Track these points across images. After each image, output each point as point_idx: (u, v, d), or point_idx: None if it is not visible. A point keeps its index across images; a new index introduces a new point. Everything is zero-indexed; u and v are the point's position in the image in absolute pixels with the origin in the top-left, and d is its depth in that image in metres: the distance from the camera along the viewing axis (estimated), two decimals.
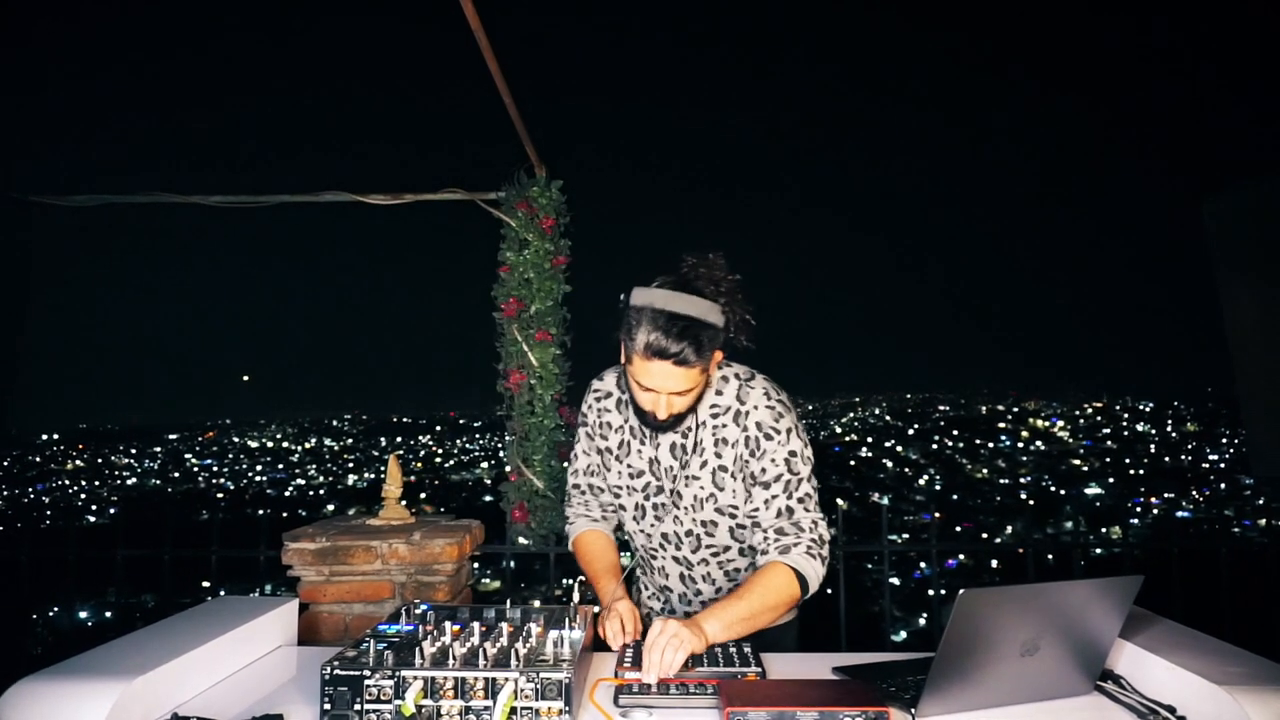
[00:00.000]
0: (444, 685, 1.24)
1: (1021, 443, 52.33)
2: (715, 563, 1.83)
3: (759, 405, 1.72)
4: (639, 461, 1.82)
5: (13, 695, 1.23)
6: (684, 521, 1.79)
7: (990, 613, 1.24)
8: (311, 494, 45.47)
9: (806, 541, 1.68)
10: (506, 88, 2.89)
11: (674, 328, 1.52)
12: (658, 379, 1.58)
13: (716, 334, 1.58)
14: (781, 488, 1.71)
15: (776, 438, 1.71)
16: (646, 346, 1.54)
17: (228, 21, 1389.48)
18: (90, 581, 8.62)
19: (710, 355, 1.59)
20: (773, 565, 1.66)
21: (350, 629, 2.46)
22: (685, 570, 1.86)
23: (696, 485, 1.75)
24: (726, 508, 1.75)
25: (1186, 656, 1.37)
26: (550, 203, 3.45)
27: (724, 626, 1.55)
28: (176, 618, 1.67)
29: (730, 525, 1.78)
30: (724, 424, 1.73)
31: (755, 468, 1.72)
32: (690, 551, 1.82)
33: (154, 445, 57.31)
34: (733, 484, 1.74)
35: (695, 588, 1.87)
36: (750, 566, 1.84)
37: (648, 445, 1.81)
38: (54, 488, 46.41)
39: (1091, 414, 57.90)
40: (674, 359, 1.53)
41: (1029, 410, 60.72)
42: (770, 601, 1.61)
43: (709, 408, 1.75)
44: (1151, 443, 50.86)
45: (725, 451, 1.73)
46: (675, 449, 1.77)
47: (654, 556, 1.90)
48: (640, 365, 1.58)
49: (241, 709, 1.38)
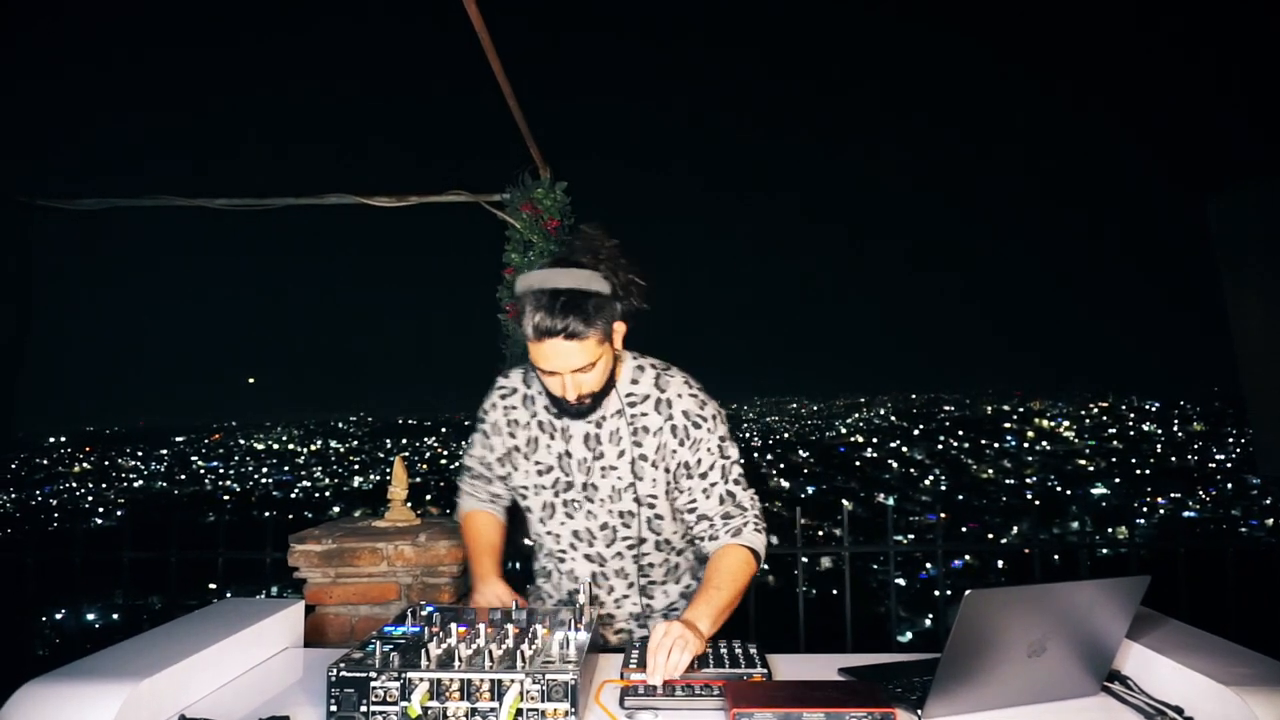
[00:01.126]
0: (450, 687, 1.24)
1: (1027, 443, 52.19)
2: (630, 556, 1.80)
3: (682, 394, 1.74)
4: (548, 457, 1.79)
5: (21, 697, 1.23)
6: (599, 515, 1.77)
7: (997, 613, 1.24)
8: (317, 496, 45.54)
9: (751, 519, 1.73)
10: (510, 89, 2.89)
11: (557, 303, 1.51)
12: (554, 359, 1.56)
13: (603, 301, 1.56)
14: (719, 474, 1.73)
15: (705, 424, 1.73)
16: (535, 328, 1.53)
17: (230, 25, 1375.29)
18: (97, 584, 8.65)
19: (602, 324, 1.56)
20: (731, 549, 1.68)
21: (356, 631, 2.47)
22: (598, 568, 1.82)
23: (614, 475, 1.73)
24: (645, 498, 1.74)
25: (1193, 657, 1.37)
26: (555, 204, 3.45)
27: (713, 621, 1.56)
28: (183, 620, 1.67)
29: (648, 516, 1.76)
30: (644, 412, 1.73)
31: (688, 457, 1.72)
32: (605, 546, 1.79)
33: (160, 447, 57.46)
34: (653, 473, 1.73)
35: (608, 585, 1.83)
36: (664, 561, 1.84)
37: (557, 439, 1.77)
38: (60, 490, 46.55)
39: (1097, 414, 57.72)
40: (564, 333, 1.52)
41: (1034, 410, 60.57)
42: (741, 584, 1.64)
43: (624, 396, 1.74)
44: (1157, 442, 50.67)
45: (646, 440, 1.72)
46: (589, 439, 1.74)
47: (562, 559, 1.85)
48: (536, 349, 1.56)
49: (248, 711, 1.38)
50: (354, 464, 53.70)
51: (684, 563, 1.89)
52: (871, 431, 60.31)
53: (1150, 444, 50.57)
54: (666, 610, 1.89)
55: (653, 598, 1.86)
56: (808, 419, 72.37)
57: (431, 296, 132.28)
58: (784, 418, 73.77)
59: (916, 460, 50.71)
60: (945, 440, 53.76)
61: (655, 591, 1.86)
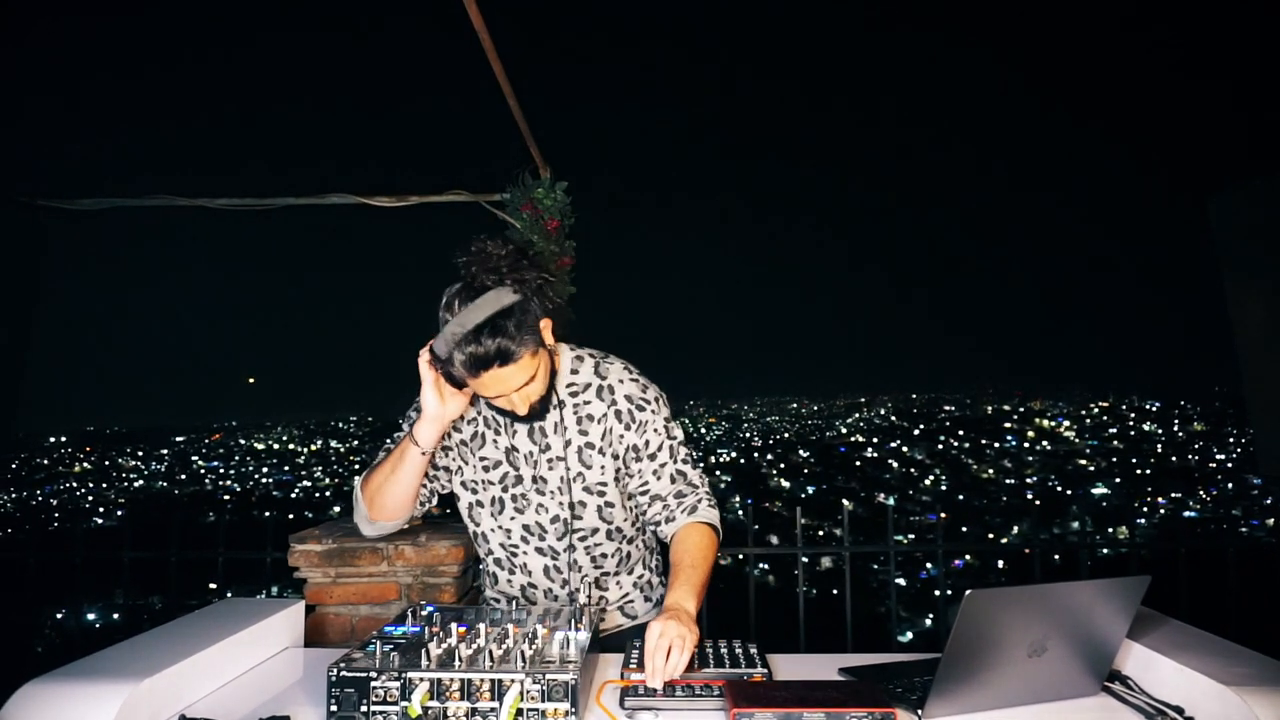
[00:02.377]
0: (450, 687, 1.24)
1: (1027, 443, 52.22)
2: (582, 548, 1.80)
3: (623, 379, 1.74)
4: (494, 452, 1.78)
5: (21, 697, 1.23)
6: (549, 508, 1.76)
7: (997, 613, 1.24)
8: (318, 495, 45.57)
9: (703, 495, 1.75)
10: (511, 89, 2.89)
11: (482, 335, 1.47)
12: (495, 386, 1.53)
13: (522, 312, 1.51)
14: (668, 454, 1.75)
15: (649, 407, 1.74)
16: (467, 366, 1.49)
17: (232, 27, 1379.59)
18: (97, 583, 8.65)
19: (531, 336, 1.53)
20: (693, 527, 1.71)
21: (356, 631, 2.47)
22: (551, 561, 1.81)
23: (562, 466, 1.73)
24: (595, 485, 1.75)
25: (1194, 657, 1.37)
26: (555, 204, 3.45)
27: (697, 599, 1.58)
28: (183, 620, 1.67)
29: (598, 504, 1.76)
30: (587, 400, 1.73)
31: (635, 441, 1.73)
32: (556, 539, 1.78)
33: (161, 447, 57.54)
34: (600, 460, 1.73)
35: (561, 578, 1.82)
36: (617, 550, 1.83)
37: (504, 434, 1.76)
38: (61, 490, 46.60)
39: (1098, 413, 57.75)
40: (497, 362, 1.48)
41: (1035, 410, 60.60)
42: (710, 560, 1.67)
43: (565, 387, 1.74)
44: (1158, 442, 50.70)
45: (591, 428, 1.73)
46: (533, 432, 1.74)
47: (514, 554, 1.83)
48: (476, 384, 1.53)
49: (248, 711, 1.38)
50: (354, 464, 53.73)
51: (635, 552, 1.90)
52: (872, 431, 60.34)
53: (1150, 444, 50.60)
54: (621, 602, 1.89)
55: (606, 589, 1.86)
56: (808, 419, 72.39)
57: (431, 296, 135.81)
58: (784, 418, 73.78)
59: (917, 460, 50.74)
60: (946, 440, 53.79)
61: (609, 583, 1.87)
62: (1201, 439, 49.50)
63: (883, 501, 40.29)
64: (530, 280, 1.55)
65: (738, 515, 13.10)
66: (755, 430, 67.97)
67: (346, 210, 3.67)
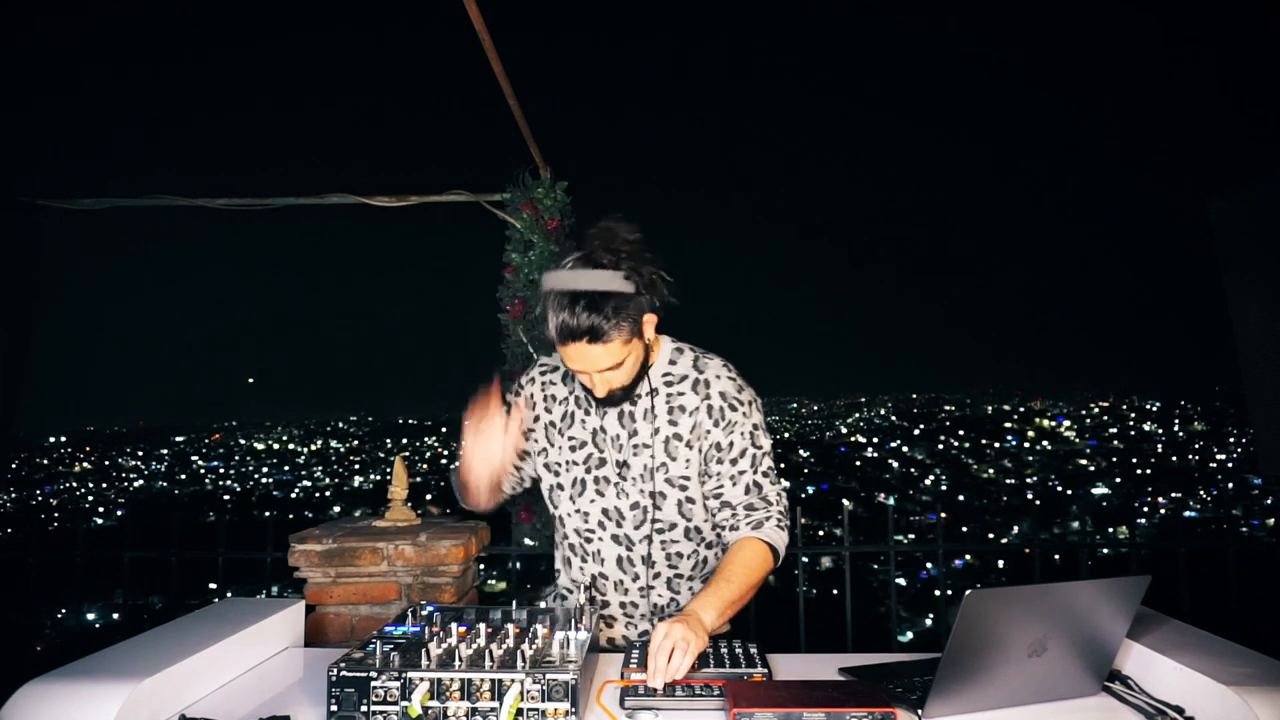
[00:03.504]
0: (450, 687, 1.24)
1: (1028, 442, 52.20)
2: (658, 541, 1.76)
3: (720, 375, 1.72)
4: (582, 432, 1.77)
5: (21, 697, 1.23)
6: (629, 494, 1.74)
7: (997, 613, 1.24)
8: (318, 495, 45.56)
9: (775, 514, 1.70)
10: (511, 90, 2.90)
11: (578, 306, 1.49)
12: (579, 361, 1.55)
13: (626, 300, 1.52)
14: (749, 463, 1.71)
15: (740, 409, 1.71)
16: (558, 331, 1.51)
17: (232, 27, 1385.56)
18: (98, 583, 8.65)
19: (628, 324, 1.54)
20: (748, 541, 1.65)
21: (357, 631, 2.47)
22: (625, 551, 1.77)
23: (646, 454, 1.71)
24: (677, 479, 1.72)
25: (1194, 657, 1.36)
26: (555, 204, 3.45)
27: (719, 614, 1.53)
28: (183, 619, 1.67)
29: (679, 499, 1.73)
30: (681, 391, 1.72)
31: (721, 439, 1.70)
32: (633, 528, 1.75)
33: (161, 447, 57.52)
34: (686, 453, 1.71)
35: (634, 571, 1.77)
36: (694, 553, 1.79)
37: (593, 415, 1.76)
38: (61, 490, 46.59)
39: (1098, 413, 57.73)
40: (587, 337, 1.50)
41: (1035, 410, 60.59)
42: (754, 579, 1.61)
43: (661, 375, 1.73)
44: (1158, 442, 50.68)
45: (681, 420, 1.71)
46: (623, 416, 1.73)
47: (589, 539, 1.80)
48: (561, 351, 1.56)
49: (248, 710, 1.38)
50: (354, 464, 53.74)
51: (712, 558, 1.84)
52: (872, 431, 60.32)
53: (1151, 444, 50.58)
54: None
55: (679, 593, 1.81)
56: (808, 419, 72.38)
57: (432, 296, 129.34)
58: (784, 418, 73.78)
59: (917, 460, 50.72)
60: (946, 440, 53.77)
61: (682, 587, 1.81)
62: (1201, 439, 49.48)
63: (883, 501, 40.28)
64: (645, 274, 1.56)
65: None
66: None
67: (346, 210, 3.67)
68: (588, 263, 1.53)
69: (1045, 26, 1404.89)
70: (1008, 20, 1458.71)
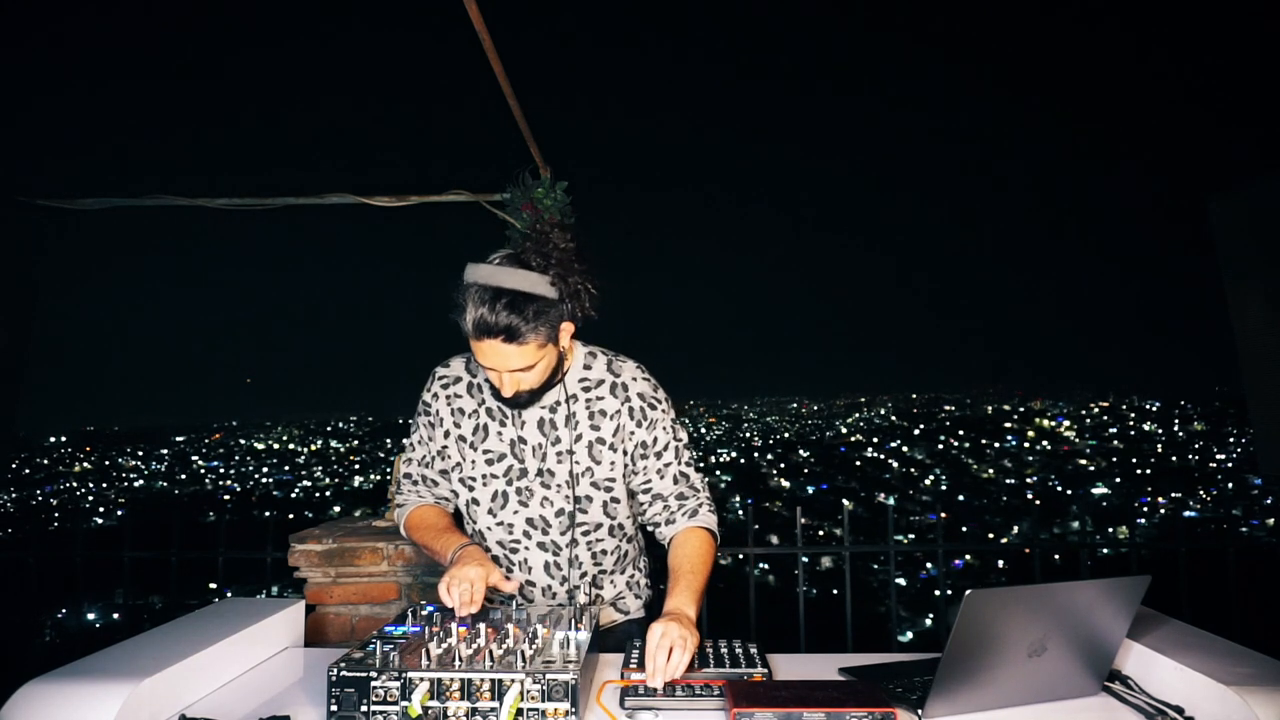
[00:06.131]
0: (450, 687, 1.24)
1: (1028, 443, 52.20)
2: (584, 543, 1.78)
3: (636, 377, 1.77)
4: (499, 444, 1.76)
5: (22, 696, 1.23)
6: (555, 501, 1.75)
7: (997, 613, 1.24)
8: (318, 495, 45.56)
9: (704, 499, 1.79)
10: (511, 90, 2.89)
11: (499, 303, 1.48)
12: (492, 358, 1.54)
13: (547, 306, 1.52)
14: (673, 455, 1.78)
15: (660, 406, 1.77)
16: (474, 325, 1.50)
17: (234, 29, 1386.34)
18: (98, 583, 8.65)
19: (545, 329, 1.53)
20: (692, 531, 1.74)
21: (356, 630, 2.47)
22: (552, 557, 1.78)
23: (571, 460, 1.73)
24: (603, 481, 1.75)
25: (1194, 657, 1.37)
26: (555, 204, 3.45)
27: (697, 605, 1.60)
28: (183, 619, 1.67)
29: (604, 500, 1.76)
30: (600, 395, 1.74)
31: (645, 437, 1.75)
32: (560, 534, 1.76)
33: (161, 447, 57.51)
34: (610, 455, 1.74)
35: (561, 575, 1.79)
36: (617, 548, 1.84)
37: (509, 426, 1.75)
38: (61, 490, 46.58)
39: (1098, 413, 57.72)
40: (503, 336, 1.50)
41: (1035, 410, 60.59)
42: (709, 566, 1.69)
43: (578, 381, 1.75)
44: (1158, 442, 50.67)
45: (604, 423, 1.73)
46: (544, 425, 1.73)
47: (515, 550, 1.79)
48: (474, 346, 1.55)
49: (248, 710, 1.38)
50: (354, 464, 53.73)
51: (631, 551, 1.91)
52: (872, 431, 60.33)
53: (1151, 444, 50.57)
54: (614, 600, 1.88)
55: (602, 588, 1.86)
56: (808, 419, 72.38)
57: (431, 296, 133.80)
58: (784, 418, 73.77)
59: (917, 460, 50.73)
60: (946, 440, 53.78)
61: (604, 581, 1.85)
62: (1202, 439, 49.46)
63: (883, 501, 40.30)
64: (571, 284, 1.56)
65: (738, 515, 12.98)
66: (755, 430, 67.96)
67: (346, 210, 3.67)
68: (516, 262, 1.54)
69: (1045, 26, 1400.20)
70: (1007, 20, 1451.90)
